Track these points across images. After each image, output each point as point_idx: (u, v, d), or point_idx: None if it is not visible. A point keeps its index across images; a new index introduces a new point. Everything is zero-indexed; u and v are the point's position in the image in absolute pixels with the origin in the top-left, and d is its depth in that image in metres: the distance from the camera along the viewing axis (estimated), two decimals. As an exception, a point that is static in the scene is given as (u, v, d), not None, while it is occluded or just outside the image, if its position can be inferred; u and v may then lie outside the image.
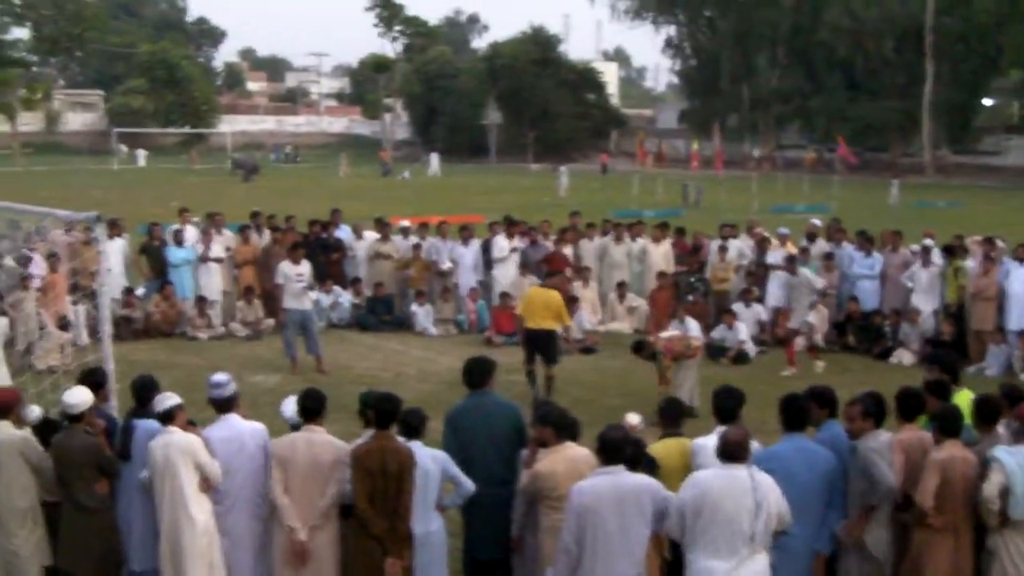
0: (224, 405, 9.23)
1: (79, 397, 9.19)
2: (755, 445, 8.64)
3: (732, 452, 7.75)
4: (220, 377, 9.31)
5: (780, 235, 22.91)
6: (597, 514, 7.71)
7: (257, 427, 9.12)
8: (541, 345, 16.73)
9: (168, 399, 8.90)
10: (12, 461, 9.10)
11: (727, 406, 8.88)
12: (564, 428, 8.70)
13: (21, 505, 9.13)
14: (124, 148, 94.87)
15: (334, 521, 8.88)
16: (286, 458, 8.74)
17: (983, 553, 8.48)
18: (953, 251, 21.04)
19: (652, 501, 7.82)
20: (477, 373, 9.76)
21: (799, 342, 19.83)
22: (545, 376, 16.75)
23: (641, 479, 7.95)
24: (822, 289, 20.34)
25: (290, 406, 9.39)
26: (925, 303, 20.77)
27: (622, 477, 7.85)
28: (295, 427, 9.11)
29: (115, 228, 22.48)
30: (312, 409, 8.93)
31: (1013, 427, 8.70)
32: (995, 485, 8.21)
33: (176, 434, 8.71)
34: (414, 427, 8.92)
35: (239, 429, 9.09)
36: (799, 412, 8.71)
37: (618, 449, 7.91)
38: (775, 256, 22.43)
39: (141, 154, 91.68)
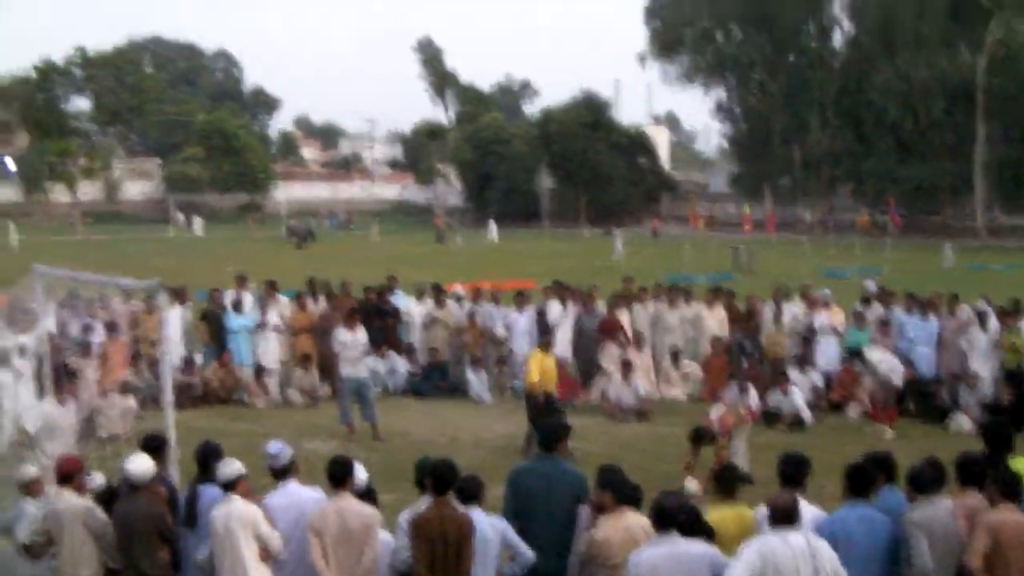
0: (281, 473, 9.30)
1: (142, 465, 9.28)
2: (817, 511, 8.64)
3: (785, 516, 7.78)
4: (275, 446, 9.39)
5: (822, 298, 22.92)
6: None
7: (317, 495, 9.17)
8: (554, 408, 17.30)
9: (231, 467, 8.96)
10: (76, 529, 9.20)
11: (794, 473, 8.88)
12: (624, 494, 8.68)
13: (84, 573, 9.22)
14: (181, 216, 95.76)
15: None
16: (318, 528, 8.77)
17: None
18: (1011, 314, 20.87)
19: (711, 567, 7.82)
20: (549, 436, 9.76)
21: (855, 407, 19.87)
22: None
23: (699, 546, 7.96)
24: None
25: (360, 473, 9.40)
26: (982, 367, 20.62)
27: (678, 545, 7.86)
28: (361, 494, 9.14)
29: (177, 296, 22.78)
30: (339, 476, 8.99)
31: None
32: None
33: (237, 503, 8.77)
34: (472, 494, 8.96)
35: (299, 497, 9.15)
36: (864, 479, 8.71)
37: (672, 516, 7.93)
38: (821, 320, 22.43)
39: (198, 221, 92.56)
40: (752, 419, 16.85)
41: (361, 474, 9.33)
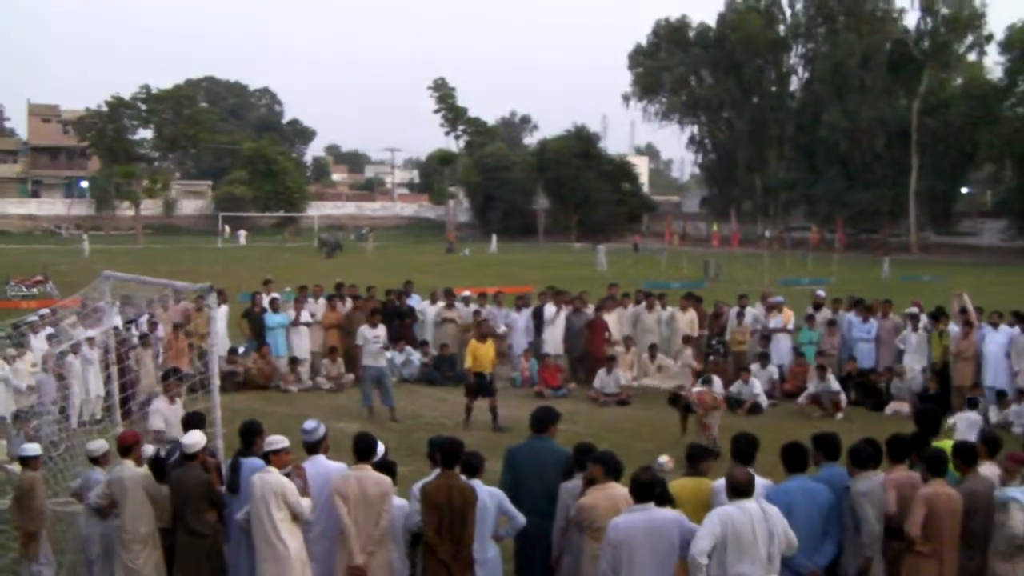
0: (313, 447, 9.31)
1: (195, 438, 9.31)
2: (768, 483, 8.67)
3: (741, 489, 7.83)
4: (311, 424, 9.39)
5: (776, 303, 23.00)
6: (631, 545, 7.78)
7: (340, 467, 9.16)
8: (487, 386, 18.45)
9: (279, 442, 8.96)
10: (137, 494, 9.24)
11: (745, 450, 8.91)
12: (611, 469, 8.70)
13: (143, 531, 9.25)
14: (228, 229, 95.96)
15: (387, 547, 8.89)
16: (343, 492, 8.76)
17: None
18: (939, 317, 20.94)
19: (680, 532, 7.85)
20: (542, 420, 9.79)
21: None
22: (491, 406, 18.37)
23: (669, 513, 8.00)
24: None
25: (379, 448, 9.41)
26: (914, 362, 20.73)
27: (653, 512, 7.89)
28: (381, 466, 9.16)
29: (220, 296, 22.85)
30: (364, 451, 8.98)
31: (1009, 469, 8.86)
32: (1020, 521, 8.33)
33: (273, 474, 8.76)
34: (474, 467, 8.99)
35: (326, 468, 9.14)
36: (798, 456, 8.78)
37: (649, 488, 7.96)
38: (775, 321, 22.51)
39: (242, 234, 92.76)
40: (721, 405, 16.94)
41: (379, 448, 9.34)
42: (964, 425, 15.31)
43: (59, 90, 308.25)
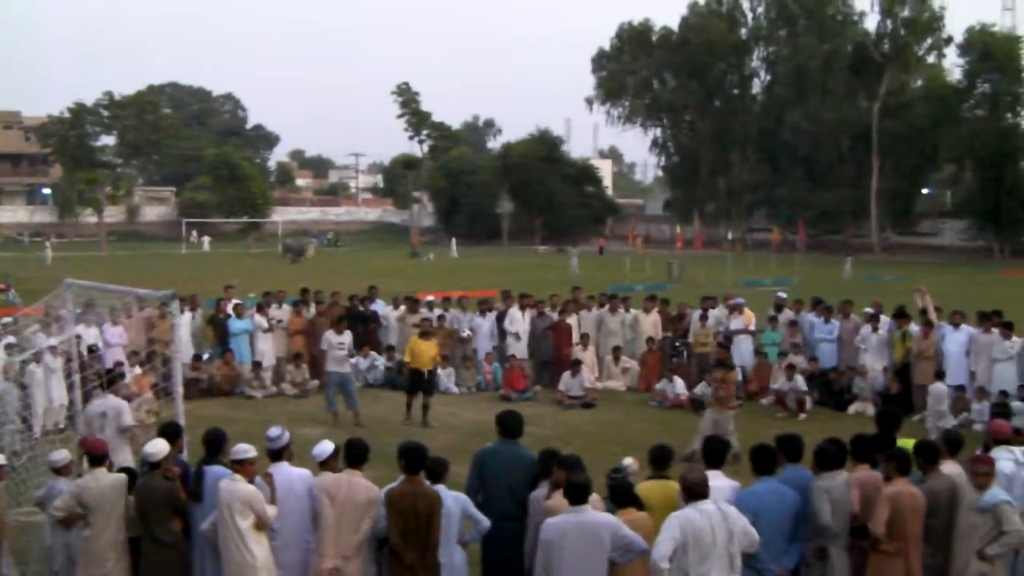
0: (277, 455, 9.29)
1: (158, 447, 9.26)
2: (736, 485, 8.74)
3: (697, 491, 7.90)
4: (275, 431, 9.38)
5: (737, 304, 23.08)
6: (560, 546, 7.87)
7: (304, 473, 9.15)
8: (424, 382, 19.00)
9: (247, 451, 8.93)
10: (118, 500, 9.18)
11: (716, 451, 9.03)
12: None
13: (118, 538, 9.19)
14: (196, 235, 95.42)
15: (365, 553, 8.89)
16: (332, 493, 8.78)
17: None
18: (901, 317, 21.09)
19: (611, 537, 7.88)
20: (511, 425, 9.80)
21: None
22: (423, 404, 19.02)
23: (603, 517, 8.05)
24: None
25: (321, 447, 9.40)
26: (875, 361, 20.87)
27: (585, 516, 7.95)
28: (322, 463, 9.17)
29: (189, 304, 22.84)
30: (357, 456, 8.99)
31: (980, 472, 8.87)
32: (1018, 522, 8.54)
33: (239, 482, 8.74)
34: (438, 473, 9.00)
35: (288, 475, 9.12)
36: (766, 458, 8.85)
37: (582, 491, 8.03)
38: (737, 323, 22.60)
39: (206, 240, 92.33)
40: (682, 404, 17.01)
41: (329, 448, 9.32)
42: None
43: (20, 96, 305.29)
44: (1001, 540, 8.57)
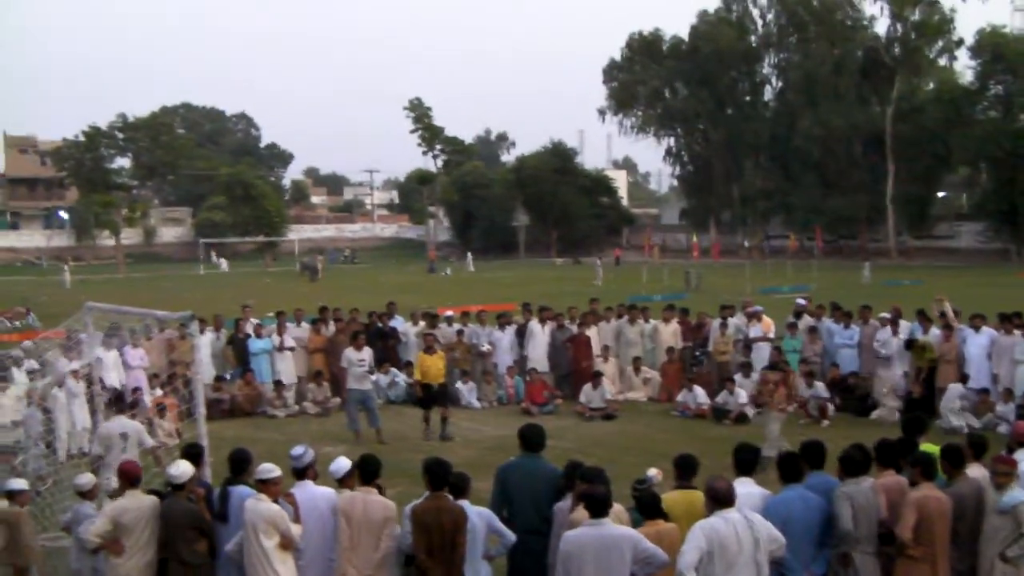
0: (301, 473, 9.30)
1: (182, 469, 9.26)
2: (766, 493, 8.71)
3: (722, 499, 7.86)
4: (298, 449, 9.39)
5: (755, 312, 22.99)
6: (580, 559, 7.84)
7: (328, 492, 9.16)
8: (437, 396, 19.21)
9: (272, 471, 8.94)
10: (153, 521, 9.17)
11: (748, 460, 8.99)
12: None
13: (149, 559, 9.18)
14: (215, 256, 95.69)
15: (390, 569, 8.88)
16: (348, 513, 8.79)
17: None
18: (924, 319, 20.97)
19: (632, 550, 7.84)
20: (533, 439, 9.78)
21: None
22: (442, 416, 19.25)
23: (623, 530, 8.01)
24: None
25: (337, 464, 9.41)
26: (896, 366, 20.79)
27: (606, 529, 7.92)
28: (340, 480, 9.19)
29: (213, 324, 23.07)
30: (371, 472, 9.00)
31: (1001, 473, 8.80)
32: None
33: (264, 502, 8.74)
34: (461, 488, 8.97)
35: (312, 494, 9.12)
36: (793, 466, 8.83)
37: (602, 504, 8.00)
38: (755, 331, 22.50)
39: (223, 260, 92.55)
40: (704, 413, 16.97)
41: (346, 464, 9.33)
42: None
43: (36, 121, 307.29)
44: (1021, 542, 8.52)
